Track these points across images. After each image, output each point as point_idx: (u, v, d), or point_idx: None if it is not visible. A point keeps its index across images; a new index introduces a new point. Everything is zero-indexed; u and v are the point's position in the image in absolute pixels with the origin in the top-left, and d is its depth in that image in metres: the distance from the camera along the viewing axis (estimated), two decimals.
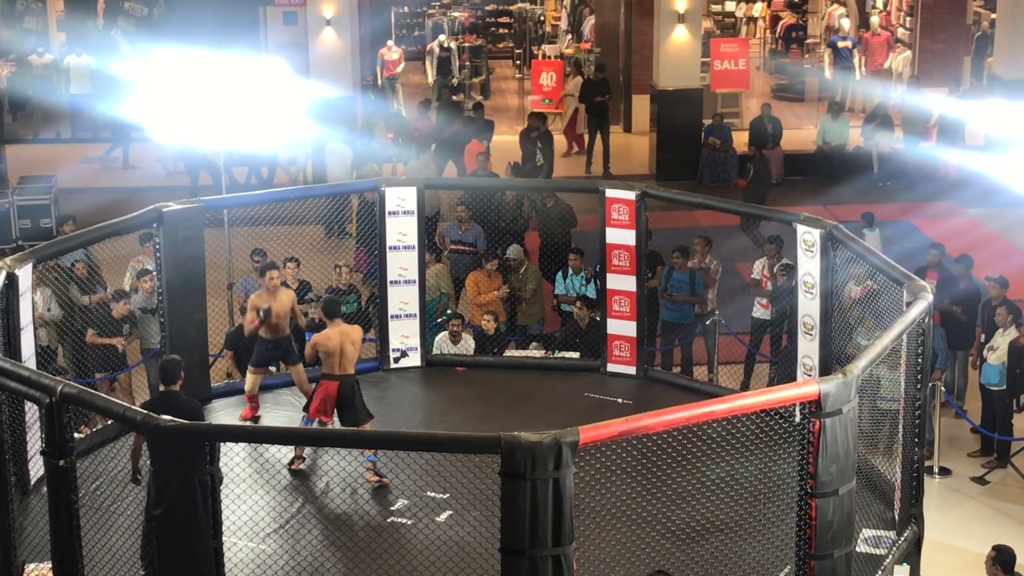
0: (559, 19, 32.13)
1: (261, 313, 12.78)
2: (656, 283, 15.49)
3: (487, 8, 34.25)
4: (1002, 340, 14.38)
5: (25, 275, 11.47)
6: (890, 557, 10.54)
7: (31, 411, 10.53)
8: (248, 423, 12.73)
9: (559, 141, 24.37)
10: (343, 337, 11.98)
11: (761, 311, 15.52)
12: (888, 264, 11.48)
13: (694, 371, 15.59)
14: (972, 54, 27.92)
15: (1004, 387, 14.33)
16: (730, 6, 32.22)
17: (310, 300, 15.05)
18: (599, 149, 24.42)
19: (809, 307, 12.61)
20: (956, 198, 22.31)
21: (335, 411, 11.92)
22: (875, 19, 28.00)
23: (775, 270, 15.13)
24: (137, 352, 14.91)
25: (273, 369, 13.85)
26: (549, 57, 28.68)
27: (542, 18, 32.67)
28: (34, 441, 10.82)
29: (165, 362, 10.68)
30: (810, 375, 12.51)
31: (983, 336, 14.91)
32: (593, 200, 14.19)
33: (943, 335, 14.87)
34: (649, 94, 24.79)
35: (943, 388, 14.45)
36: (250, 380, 13.07)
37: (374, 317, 14.99)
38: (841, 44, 27.63)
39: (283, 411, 13.23)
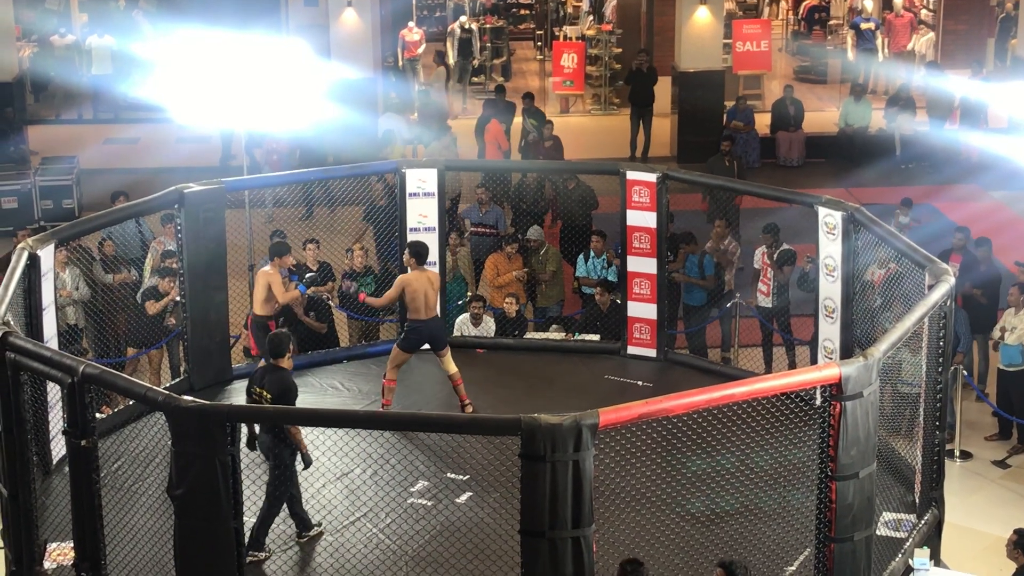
0: (580, 0, 32.03)
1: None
2: (677, 266, 15.47)
3: None
4: (1017, 320, 14.32)
5: (47, 256, 11.50)
6: (910, 540, 10.52)
7: (53, 391, 10.57)
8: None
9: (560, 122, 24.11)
10: None
11: (763, 299, 15.47)
12: (910, 247, 11.44)
13: (718, 354, 15.60)
14: (996, 36, 27.76)
15: (1022, 367, 14.27)
16: None
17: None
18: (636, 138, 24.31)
19: (830, 290, 12.56)
20: (979, 181, 22.21)
21: None
22: (898, 0, 27.85)
23: (775, 258, 15.13)
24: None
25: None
26: (570, 39, 28.60)
27: None
28: (56, 421, 10.87)
29: (274, 335, 10.77)
30: (831, 358, 12.48)
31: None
32: (614, 182, 14.16)
33: (966, 319, 14.81)
34: (671, 76, 24.71)
35: (964, 371, 14.40)
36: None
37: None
38: (864, 26, 27.49)
39: (305, 393, 13.25)
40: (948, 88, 23.70)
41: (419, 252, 12.71)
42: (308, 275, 12.66)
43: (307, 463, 10.40)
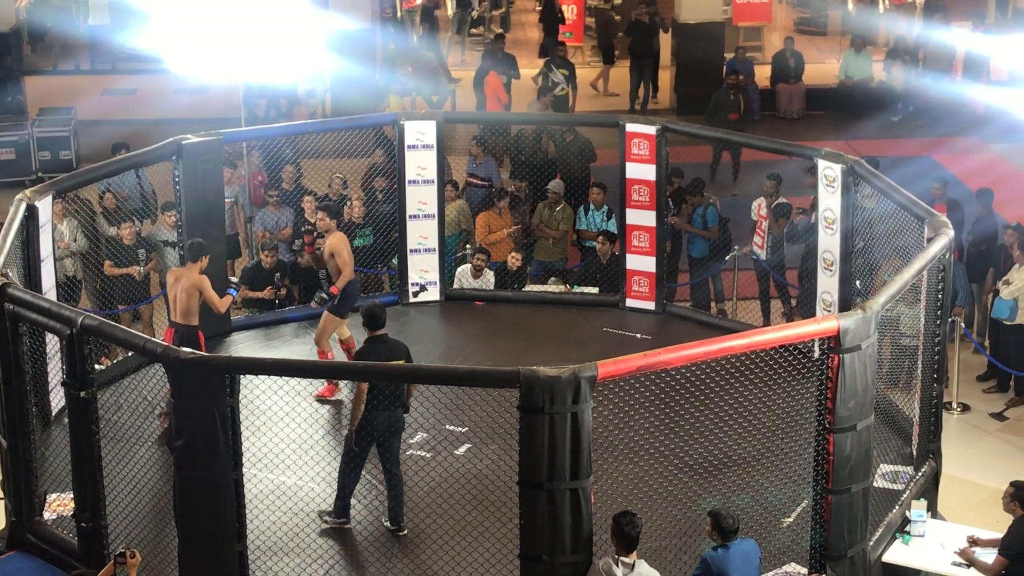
0: None
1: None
2: (676, 219, 15.41)
3: None
4: (1017, 275, 14.30)
5: (45, 207, 11.48)
6: (908, 492, 10.57)
7: (52, 342, 10.58)
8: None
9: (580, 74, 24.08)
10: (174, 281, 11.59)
11: (759, 251, 15.42)
12: (911, 201, 11.43)
13: (722, 306, 15.59)
14: None
15: (1016, 322, 14.25)
16: None
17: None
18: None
19: (829, 243, 12.56)
20: (979, 134, 22.14)
21: None
22: None
23: (771, 208, 15.09)
24: (158, 283, 14.90)
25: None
26: None
27: None
28: (55, 372, 10.89)
29: (373, 307, 10.35)
30: (829, 311, 12.49)
31: (993, 276, 14.85)
32: (613, 135, 14.11)
33: (964, 272, 14.80)
34: (670, 28, 24.56)
35: (962, 324, 14.40)
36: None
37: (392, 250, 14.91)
38: None
39: (303, 345, 13.28)
40: (949, 41, 23.58)
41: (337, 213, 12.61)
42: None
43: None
